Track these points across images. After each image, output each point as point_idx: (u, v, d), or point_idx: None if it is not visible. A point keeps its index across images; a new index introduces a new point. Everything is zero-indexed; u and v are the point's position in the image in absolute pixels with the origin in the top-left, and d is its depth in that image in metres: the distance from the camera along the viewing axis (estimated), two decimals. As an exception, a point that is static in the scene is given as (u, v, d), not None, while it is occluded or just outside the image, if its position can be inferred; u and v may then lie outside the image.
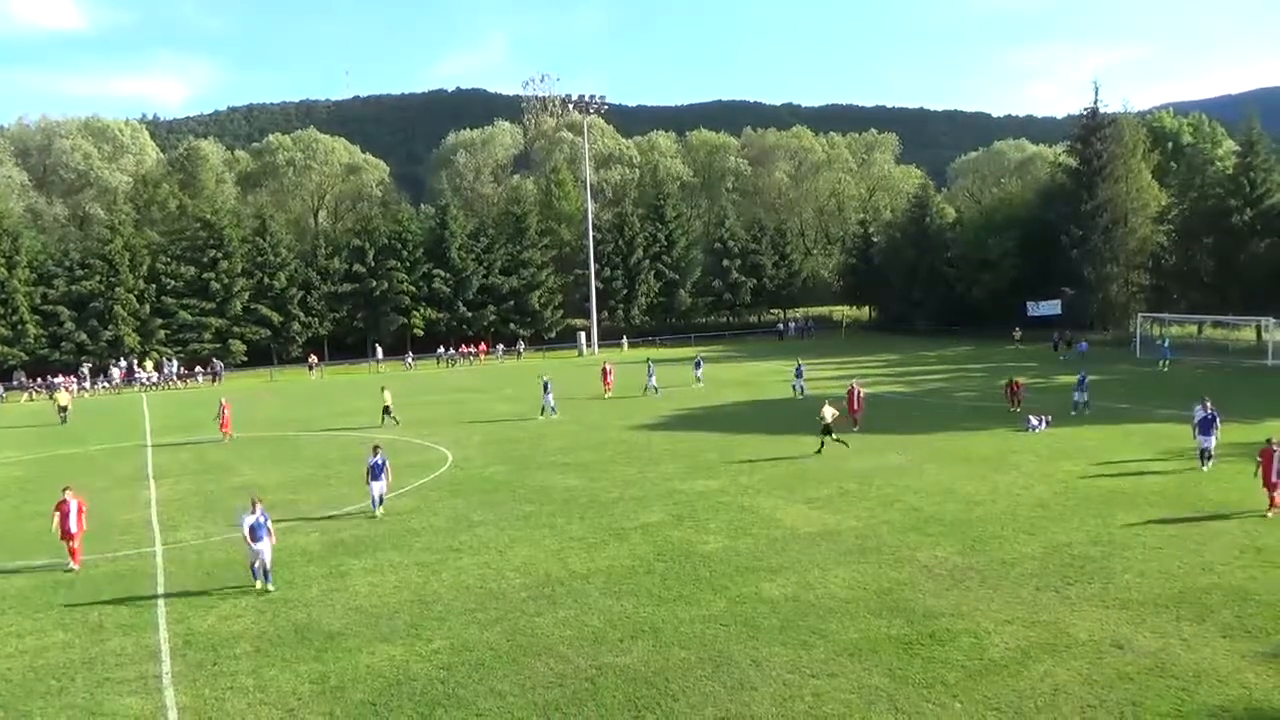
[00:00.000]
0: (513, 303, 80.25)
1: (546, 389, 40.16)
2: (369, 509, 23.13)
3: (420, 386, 56.52)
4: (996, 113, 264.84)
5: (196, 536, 22.13)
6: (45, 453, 36.88)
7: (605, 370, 46.83)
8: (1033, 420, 31.82)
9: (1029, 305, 69.22)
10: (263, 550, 17.32)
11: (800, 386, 43.24)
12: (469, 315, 78.45)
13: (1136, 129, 73.25)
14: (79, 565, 19.45)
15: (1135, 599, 15.33)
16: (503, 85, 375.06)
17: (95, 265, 67.52)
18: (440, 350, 73.99)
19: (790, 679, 12.86)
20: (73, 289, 66.74)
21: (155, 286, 69.56)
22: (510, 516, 22.62)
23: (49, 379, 61.79)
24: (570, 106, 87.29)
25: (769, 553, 18.69)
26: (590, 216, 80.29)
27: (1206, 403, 25.11)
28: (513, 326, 79.81)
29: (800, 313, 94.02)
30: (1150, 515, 20.34)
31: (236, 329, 71.78)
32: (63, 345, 65.68)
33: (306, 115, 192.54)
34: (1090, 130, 70.26)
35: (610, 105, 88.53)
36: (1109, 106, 71.81)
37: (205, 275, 70.71)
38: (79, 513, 19.50)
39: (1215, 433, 24.40)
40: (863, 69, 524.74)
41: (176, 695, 13.26)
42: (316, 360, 70.11)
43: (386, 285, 75.63)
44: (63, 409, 45.88)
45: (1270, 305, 55.25)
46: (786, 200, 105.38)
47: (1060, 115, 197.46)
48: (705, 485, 25.06)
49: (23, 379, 62.61)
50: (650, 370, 47.76)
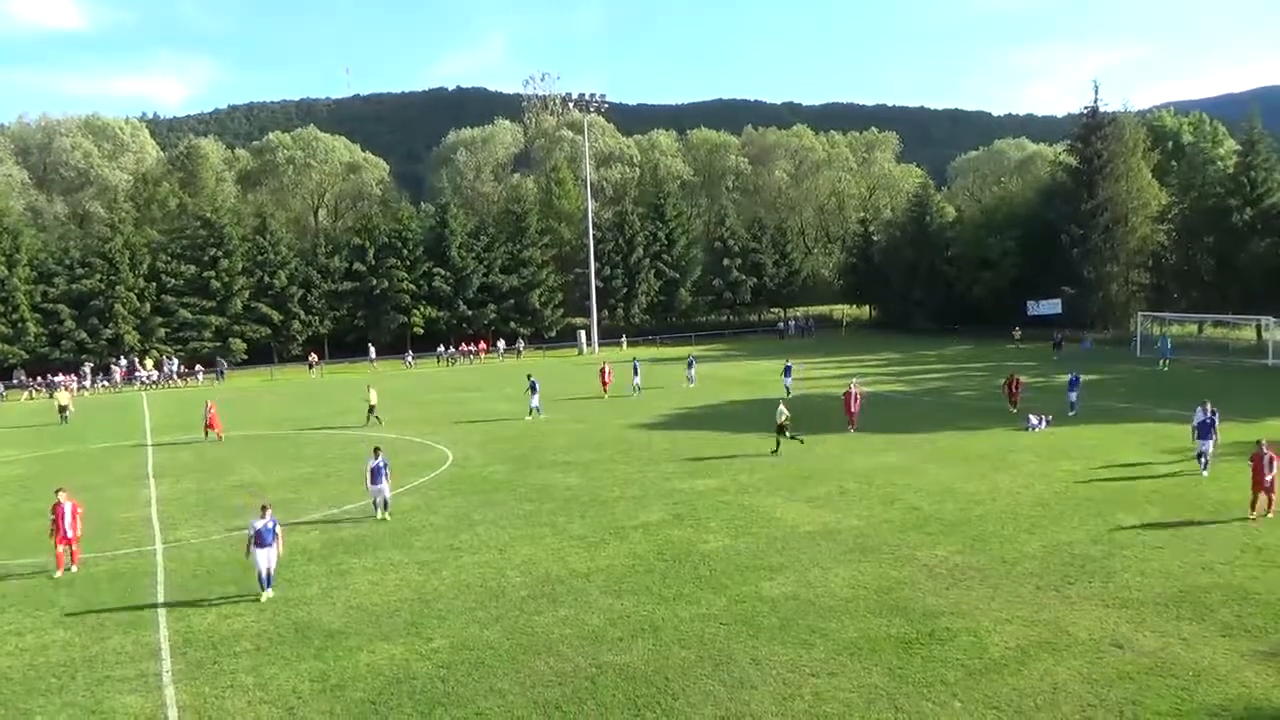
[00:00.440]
0: (513, 301, 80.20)
1: (533, 389, 39.95)
2: (370, 509, 23.00)
3: (420, 385, 56.53)
4: (997, 112, 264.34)
5: (197, 535, 22.15)
6: (45, 451, 36.91)
7: (604, 370, 46.56)
8: (1033, 419, 31.84)
9: (1029, 304, 69.23)
10: (270, 558, 17.08)
11: (788, 385, 42.82)
12: (469, 314, 78.41)
13: (1137, 128, 73.21)
14: (76, 567, 19.17)
15: (1135, 598, 15.34)
16: (503, 84, 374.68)
17: (95, 263, 67.48)
18: (440, 349, 73.89)
19: (790, 678, 12.88)
20: (73, 287, 66.70)
21: (155, 285, 69.55)
22: (510, 515, 22.64)
23: (49, 377, 61.81)
24: (570, 105, 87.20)
25: (769, 552, 18.71)
26: (590, 215, 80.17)
27: (1206, 405, 24.73)
28: (513, 325, 79.73)
29: (800, 312, 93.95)
30: (1150, 514, 20.37)
31: (237, 327, 71.75)
32: (63, 343, 65.64)
33: (307, 114, 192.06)
34: (1090, 129, 70.23)
35: (610, 104, 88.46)
36: (1109, 105, 71.93)
37: (205, 274, 70.67)
38: (74, 516, 19.14)
39: (1214, 436, 24.13)
40: (863, 68, 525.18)
41: (177, 693, 13.28)
42: (317, 359, 70.13)
43: (387, 284, 75.59)
44: (63, 409, 45.79)
45: (1270, 304, 55.24)
46: (787, 199, 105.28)
47: (1061, 114, 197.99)
48: (705, 484, 25.08)
49: (23, 377, 62.60)
50: (636, 369, 47.60)
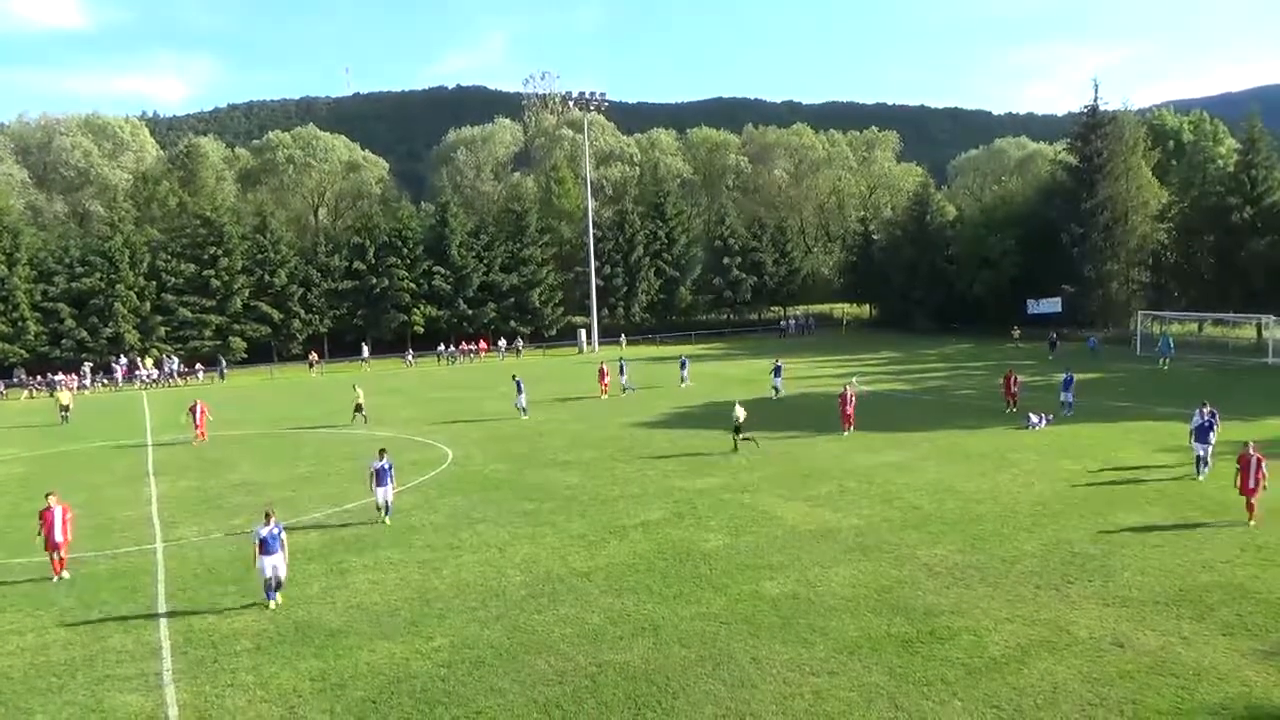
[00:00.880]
0: (513, 300, 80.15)
1: (519, 389, 39.81)
2: (370, 508, 22.87)
3: (421, 384, 56.53)
4: (997, 110, 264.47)
5: (197, 534, 22.15)
6: (46, 450, 36.91)
7: (603, 371, 46.04)
8: (1033, 418, 31.84)
9: (1029, 303, 69.18)
10: (276, 565, 16.45)
11: (778, 385, 42.49)
12: (469, 313, 78.37)
13: (1137, 126, 73.14)
14: (65, 575, 18.74)
15: (1135, 597, 15.35)
16: (503, 83, 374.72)
17: (95, 262, 67.44)
18: (440, 348, 73.88)
19: (790, 677, 12.88)
20: (73, 286, 66.67)
21: (155, 284, 69.51)
22: (511, 514, 22.64)
23: (49, 376, 61.82)
24: (570, 104, 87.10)
25: (769, 550, 18.71)
26: (590, 214, 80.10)
27: (1205, 408, 24.28)
28: (513, 324, 79.66)
29: (801, 310, 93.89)
30: (1150, 513, 20.36)
31: (237, 326, 71.73)
32: (63, 342, 65.60)
33: (306, 112, 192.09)
34: (1090, 128, 70.10)
35: (610, 102, 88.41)
36: (1109, 104, 71.59)
37: (205, 272, 70.63)
38: (64, 521, 18.72)
39: (1213, 439, 23.45)
40: (863, 67, 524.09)
41: (177, 692, 13.29)
42: (317, 358, 70.15)
43: (387, 283, 75.57)
44: (64, 408, 45.66)
45: (1270, 303, 55.19)
46: (787, 198, 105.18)
47: (1061, 113, 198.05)
48: (705, 483, 25.07)
49: (23, 376, 62.60)
50: (622, 369, 47.35)
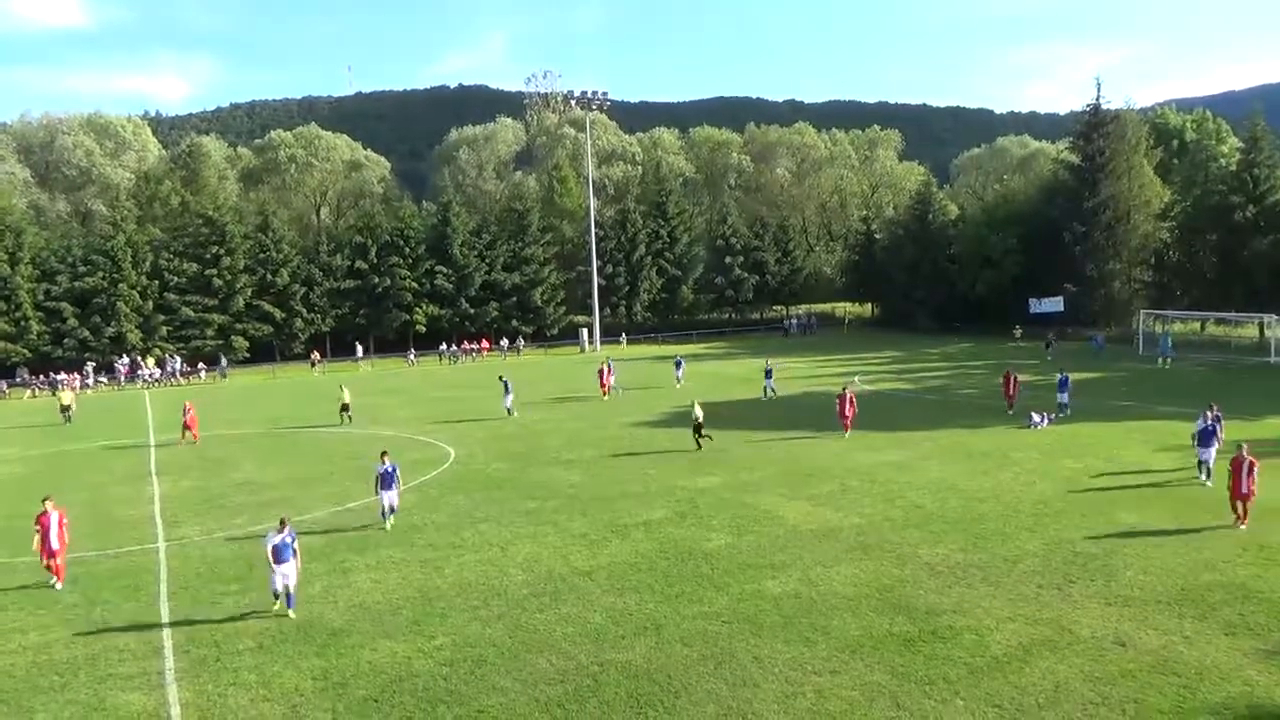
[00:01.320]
0: (515, 299, 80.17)
1: (507, 389, 39.66)
2: (374, 507, 22.70)
3: (423, 383, 56.56)
4: (999, 109, 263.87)
5: (199, 533, 22.17)
6: (48, 449, 36.96)
7: (602, 371, 45.59)
8: (1034, 417, 31.81)
9: (1031, 302, 69.11)
10: (288, 574, 16.10)
11: (770, 387, 42.13)
12: (471, 312, 78.39)
13: (1139, 125, 73.06)
14: (61, 584, 18.37)
15: (1137, 596, 15.33)
16: (505, 82, 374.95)
17: (98, 261, 67.52)
18: (442, 347, 73.95)
19: (792, 676, 12.88)
20: (75, 285, 66.76)
21: (158, 283, 69.60)
22: (512, 513, 22.65)
23: (52, 376, 61.89)
24: (573, 103, 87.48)
25: (771, 550, 18.71)
26: (593, 213, 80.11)
27: (1208, 412, 23.72)
28: (515, 323, 79.69)
29: (803, 309, 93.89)
30: (1152, 513, 20.33)
31: (239, 325, 71.79)
32: (65, 342, 65.67)
33: (308, 112, 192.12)
34: (1093, 127, 70.04)
35: (612, 101, 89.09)
36: (1111, 103, 71.60)
37: (208, 272, 70.71)
38: (60, 527, 18.37)
39: (1216, 444, 22.93)
40: (865, 66, 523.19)
41: (179, 691, 13.31)
42: (319, 357, 70.21)
43: (389, 282, 75.61)
44: (66, 408, 45.61)
45: (1273, 302, 55.09)
46: (789, 197, 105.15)
47: (1063, 112, 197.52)
48: (707, 482, 25.07)
49: (25, 376, 62.67)
50: (610, 367, 46.81)
